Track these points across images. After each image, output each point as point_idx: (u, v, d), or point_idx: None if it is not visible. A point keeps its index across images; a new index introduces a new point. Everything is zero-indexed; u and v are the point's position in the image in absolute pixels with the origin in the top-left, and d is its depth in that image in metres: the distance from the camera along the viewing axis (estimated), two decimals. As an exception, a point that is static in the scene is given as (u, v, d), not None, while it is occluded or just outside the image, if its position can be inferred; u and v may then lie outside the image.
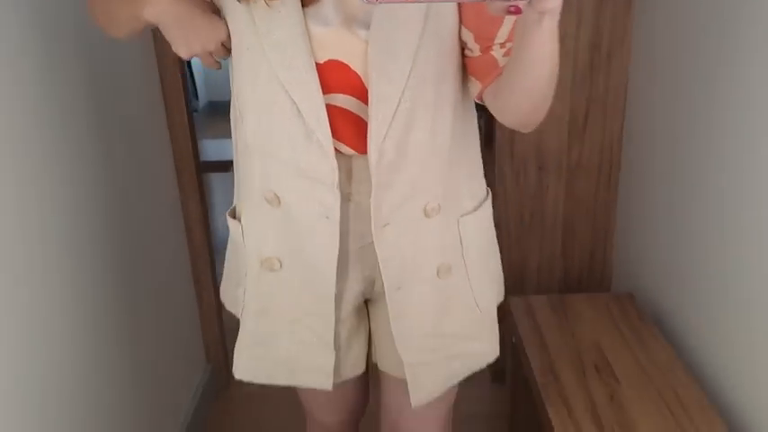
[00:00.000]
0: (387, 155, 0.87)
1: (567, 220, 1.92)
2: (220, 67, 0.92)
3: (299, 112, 0.85)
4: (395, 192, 0.90)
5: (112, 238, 1.40)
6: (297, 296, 0.98)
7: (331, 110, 0.86)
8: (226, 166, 2.95)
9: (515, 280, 1.97)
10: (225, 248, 1.12)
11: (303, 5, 0.83)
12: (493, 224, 1.08)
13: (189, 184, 1.91)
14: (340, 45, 0.83)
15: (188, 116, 1.85)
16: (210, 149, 3.14)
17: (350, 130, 0.88)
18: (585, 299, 1.72)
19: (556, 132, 1.82)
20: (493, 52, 0.83)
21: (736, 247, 1.26)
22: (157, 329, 1.67)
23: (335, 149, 0.87)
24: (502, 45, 0.82)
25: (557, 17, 0.65)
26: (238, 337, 1.06)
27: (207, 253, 2.00)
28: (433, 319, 1.00)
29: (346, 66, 0.84)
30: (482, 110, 0.98)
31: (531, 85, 0.76)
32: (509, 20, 0.81)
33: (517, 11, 0.61)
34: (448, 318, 1.01)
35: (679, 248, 1.52)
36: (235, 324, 1.10)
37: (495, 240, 1.10)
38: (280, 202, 0.93)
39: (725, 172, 1.29)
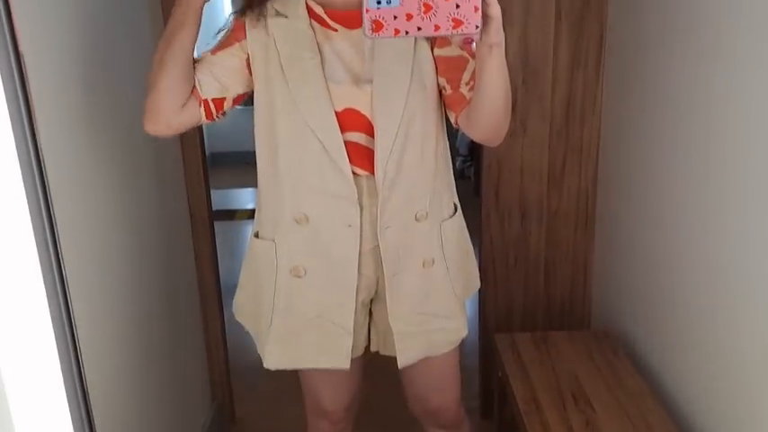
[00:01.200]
0: (389, 174, 1.15)
1: (549, 263, 2.08)
2: None
3: (325, 148, 1.13)
4: (394, 202, 1.17)
5: (128, 277, 1.53)
6: (319, 296, 1.23)
7: (347, 144, 1.14)
8: (231, 215, 3.14)
9: (502, 318, 2.12)
10: (230, 290, 1.30)
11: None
12: (465, 229, 1.34)
13: (202, 230, 2.08)
14: (352, 97, 1.13)
15: (203, 168, 2.03)
16: (215, 199, 3.32)
17: (361, 158, 1.16)
18: (566, 336, 1.87)
19: (536, 182, 2.00)
20: (461, 89, 1.14)
21: (704, 289, 1.42)
22: (167, 367, 1.78)
23: (353, 173, 1.15)
24: (466, 83, 1.13)
25: (502, 48, 0.93)
26: (268, 336, 1.26)
27: (215, 294, 2.15)
28: (419, 300, 1.26)
29: (358, 111, 1.14)
30: (471, 161, 1.21)
31: (493, 104, 1.04)
32: (470, 67, 1.12)
33: (471, 41, 0.88)
34: (431, 300, 1.27)
35: (651, 289, 1.67)
36: (240, 364, 1.27)
37: (469, 242, 1.37)
38: (308, 221, 1.18)
39: (692, 218, 1.46)
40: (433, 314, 1.28)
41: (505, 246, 2.06)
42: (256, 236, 1.28)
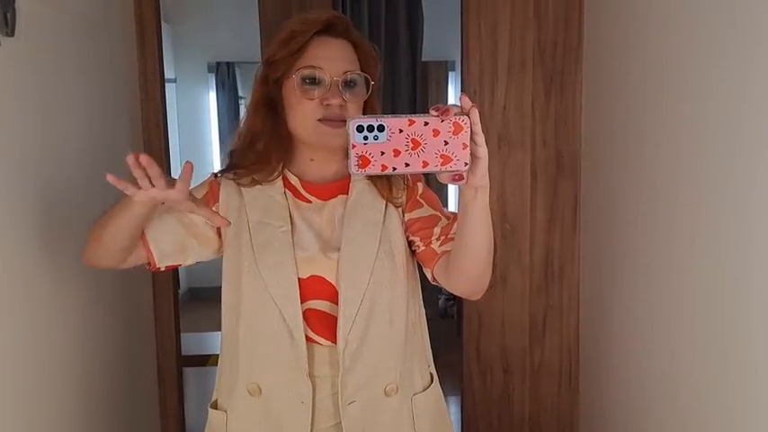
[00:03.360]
0: (351, 344, 1.09)
1: (534, 421, 1.99)
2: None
3: (283, 317, 1.08)
4: (358, 374, 1.10)
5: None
6: None
7: (310, 312, 1.10)
8: (203, 360, 3.01)
9: (486, 484, 1.99)
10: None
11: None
12: (443, 401, 1.24)
13: (169, 379, 1.98)
14: (318, 265, 1.10)
15: (175, 312, 1.98)
16: (190, 343, 3.20)
17: (324, 327, 1.10)
18: (554, 505, 1.74)
19: (518, 336, 1.97)
20: (432, 245, 1.12)
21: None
22: None
23: (314, 342, 1.10)
24: (437, 239, 1.12)
25: (487, 192, 0.89)
26: None
27: (180, 453, 2.01)
28: None
29: (323, 278, 1.10)
30: (453, 300, 1.14)
31: (476, 250, 0.99)
32: (441, 224, 1.11)
33: (460, 178, 0.84)
34: None
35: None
36: None
37: (446, 415, 1.26)
38: (261, 393, 1.10)
39: (678, 367, 1.42)
40: None
41: (488, 403, 1.98)
42: (213, 406, 1.20)
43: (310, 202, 1.13)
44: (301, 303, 1.09)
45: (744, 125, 1.10)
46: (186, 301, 5.57)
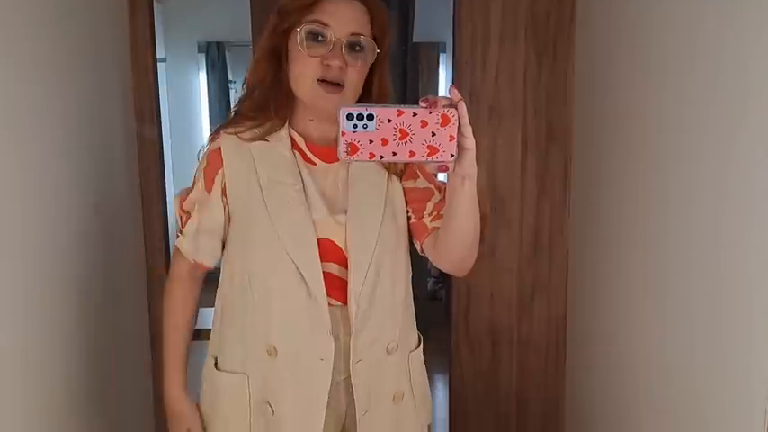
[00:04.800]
0: (362, 305, 1.12)
1: (521, 393, 2.02)
2: None
3: (304, 280, 1.09)
4: (366, 334, 1.13)
5: (74, 397, 1.42)
6: None
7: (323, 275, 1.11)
8: (195, 335, 3.02)
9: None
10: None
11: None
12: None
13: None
14: (328, 227, 1.11)
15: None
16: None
17: (334, 288, 1.12)
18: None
19: (506, 309, 1.99)
20: (423, 219, 1.16)
21: (684, 419, 1.37)
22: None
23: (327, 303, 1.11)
24: (429, 214, 1.15)
25: (474, 181, 0.92)
26: None
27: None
28: None
29: (332, 241, 1.12)
30: (442, 283, 1.17)
31: (461, 235, 1.03)
32: (434, 199, 1.15)
33: (446, 168, 0.88)
34: None
35: (625, 421, 1.62)
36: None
37: (425, 373, 1.31)
38: (277, 354, 1.11)
39: (665, 343, 1.43)
40: None
41: (476, 376, 2.00)
42: (225, 368, 1.18)
43: (315, 164, 1.14)
44: None
45: (743, 105, 1.08)
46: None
